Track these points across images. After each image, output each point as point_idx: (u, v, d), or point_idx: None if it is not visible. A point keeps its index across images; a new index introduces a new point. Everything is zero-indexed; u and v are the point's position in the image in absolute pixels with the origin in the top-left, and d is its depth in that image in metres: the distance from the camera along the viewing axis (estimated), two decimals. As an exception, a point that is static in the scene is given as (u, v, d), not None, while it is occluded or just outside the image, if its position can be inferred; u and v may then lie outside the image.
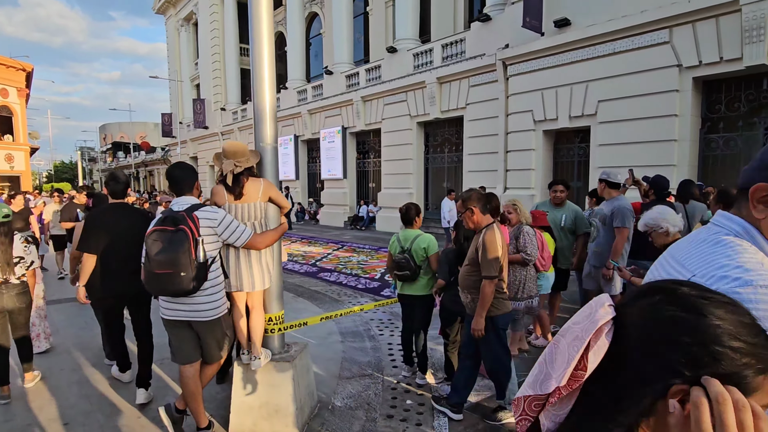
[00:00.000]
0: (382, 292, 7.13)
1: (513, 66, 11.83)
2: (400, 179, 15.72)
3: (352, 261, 10.09)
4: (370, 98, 16.64)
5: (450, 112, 13.96)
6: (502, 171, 12.35)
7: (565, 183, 4.98)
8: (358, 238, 14.31)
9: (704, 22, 8.59)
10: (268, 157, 3.18)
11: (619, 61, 9.79)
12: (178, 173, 2.92)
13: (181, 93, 33.19)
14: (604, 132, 10.20)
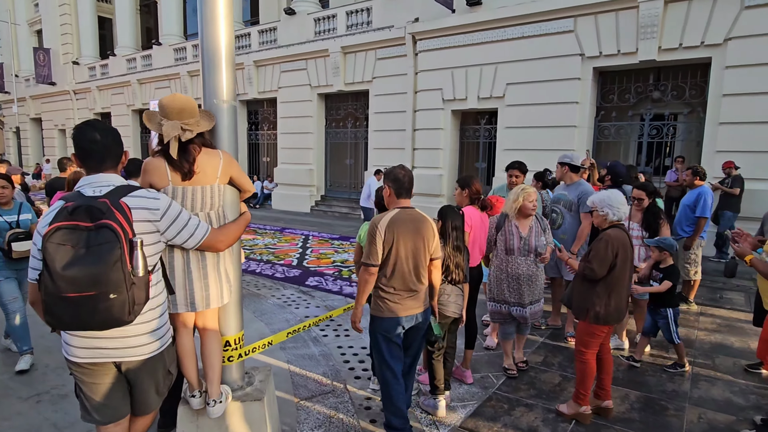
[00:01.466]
0: (307, 281, 6.39)
1: (423, 41, 11.53)
2: (299, 154, 14.71)
3: (258, 244, 9.07)
4: (264, 63, 15.16)
5: (355, 84, 13.28)
6: (410, 149, 12.13)
7: (522, 167, 4.71)
8: (255, 218, 13.03)
9: (606, 15, 9.09)
10: (225, 120, 2.30)
11: (527, 46, 10.02)
12: (97, 137, 1.93)
13: (16, 39, 27.22)
14: (511, 115, 10.46)
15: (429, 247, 2.68)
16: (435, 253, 2.74)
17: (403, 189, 2.68)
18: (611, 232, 3.02)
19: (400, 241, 2.58)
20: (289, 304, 5.45)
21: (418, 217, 2.68)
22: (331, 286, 6.12)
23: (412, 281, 2.65)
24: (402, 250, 2.59)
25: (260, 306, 5.38)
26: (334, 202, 14.41)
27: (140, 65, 19.88)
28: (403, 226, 2.59)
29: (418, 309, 2.71)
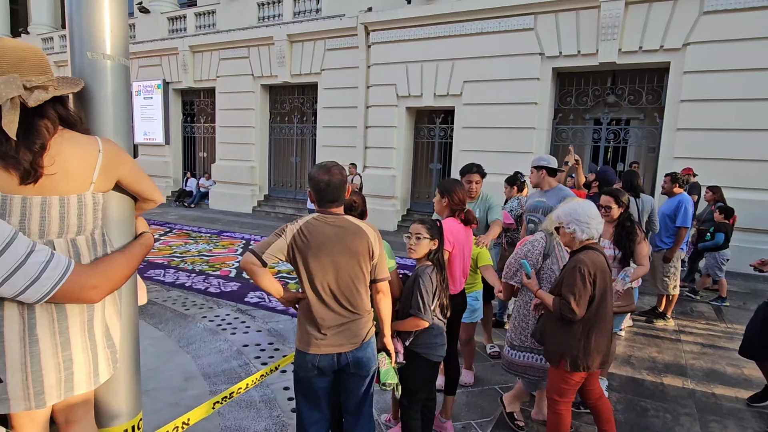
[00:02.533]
0: (247, 297, 5.47)
1: (376, 33, 10.82)
2: (240, 150, 13.54)
3: (191, 251, 7.97)
4: (200, 49, 13.84)
5: (302, 76, 12.34)
6: (362, 148, 11.39)
7: (482, 170, 4.00)
8: (188, 219, 11.84)
9: (567, 14, 8.81)
10: (108, 87, 1.41)
11: (486, 42, 9.58)
12: None
13: None
14: (469, 114, 10.00)
15: (364, 265, 2.01)
16: (379, 273, 2.08)
17: (324, 198, 2.02)
18: (584, 257, 2.40)
19: (314, 256, 1.94)
20: (224, 328, 4.54)
21: (346, 225, 2.00)
22: (276, 304, 5.26)
23: (333, 309, 1.98)
24: (316, 268, 1.94)
25: (187, 332, 4.43)
26: (278, 202, 13.38)
27: (58, 46, 17.80)
28: (321, 237, 1.94)
29: (346, 347, 2.02)
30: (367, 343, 2.07)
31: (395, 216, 11.06)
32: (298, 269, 1.96)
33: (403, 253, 7.91)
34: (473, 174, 3.70)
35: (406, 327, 2.36)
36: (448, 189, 2.86)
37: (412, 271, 2.49)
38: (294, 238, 1.92)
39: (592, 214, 2.47)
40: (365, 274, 2.02)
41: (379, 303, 2.14)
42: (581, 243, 2.48)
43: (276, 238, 1.93)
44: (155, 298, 5.34)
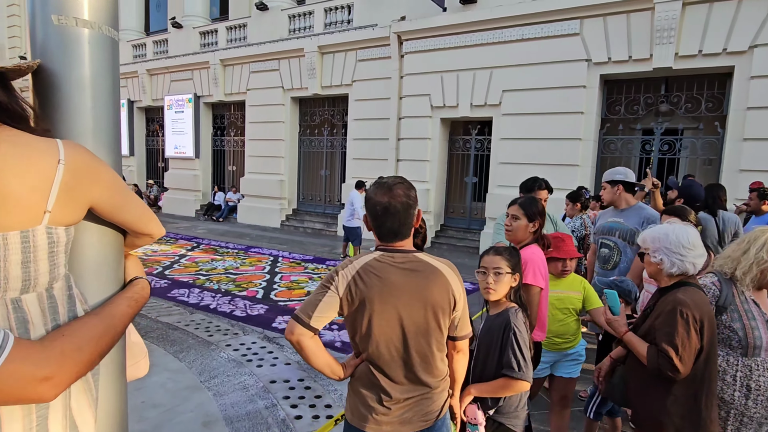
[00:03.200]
0: (275, 323, 5.03)
1: (410, 42, 10.44)
2: (269, 163, 13.31)
3: (217, 268, 7.63)
4: (231, 62, 13.77)
5: (332, 88, 12.06)
6: (393, 161, 10.96)
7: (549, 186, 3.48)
8: (216, 233, 11.61)
9: (616, 17, 8.22)
10: (85, 68, 0.97)
11: (528, 49, 9.06)
12: None
13: (-42, 31, 24.83)
14: (508, 125, 9.45)
15: (443, 319, 1.51)
16: (461, 329, 1.58)
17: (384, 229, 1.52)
18: (684, 297, 1.83)
19: (377, 310, 1.45)
20: (250, 359, 4.10)
21: (420, 268, 1.50)
22: (306, 331, 4.80)
23: (399, 378, 1.50)
24: (380, 325, 1.46)
25: (210, 362, 4.01)
26: (307, 216, 13.05)
27: (151, 53, 18.08)
28: (386, 285, 1.45)
29: (415, 425, 1.52)
30: (441, 421, 1.57)
31: (429, 232, 10.53)
32: (354, 327, 1.50)
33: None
34: (542, 191, 3.17)
35: (500, 391, 1.84)
36: (539, 211, 2.34)
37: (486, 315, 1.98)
38: (349, 289, 1.45)
39: (688, 243, 1.89)
40: (443, 331, 1.52)
41: (456, 363, 1.64)
42: (672, 278, 1.93)
43: (324, 292, 1.46)
44: (177, 322, 4.96)
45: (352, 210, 8.31)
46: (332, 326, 4.98)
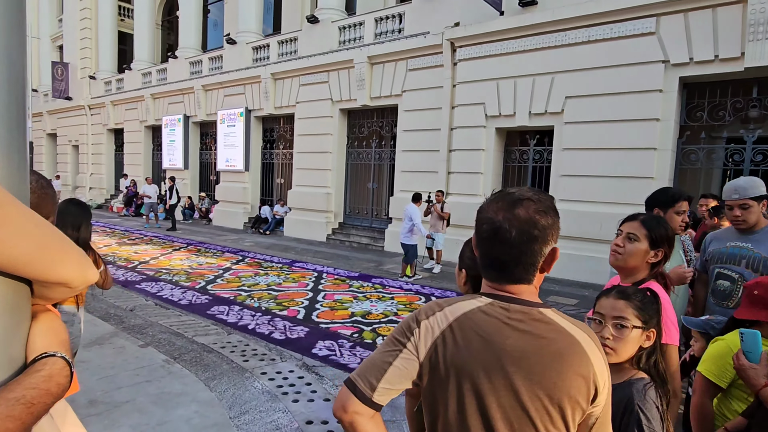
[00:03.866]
0: (315, 348, 4.57)
1: (463, 49, 9.92)
2: (316, 176, 13.11)
3: (259, 283, 7.33)
4: (282, 76, 13.79)
5: (382, 99, 11.71)
6: (444, 173, 10.40)
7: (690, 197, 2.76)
8: (262, 246, 11.45)
9: (699, 13, 7.35)
10: None
11: (595, 51, 8.31)
12: None
13: (38, 54, 26.82)
14: (571, 134, 8.68)
15: (571, 416, 0.95)
16: (601, 426, 1.00)
17: (496, 262, 1.02)
18: None
19: (481, 386, 0.94)
20: (286, 392, 3.65)
21: (547, 334, 0.96)
22: (349, 360, 4.30)
23: None
24: (479, 411, 0.94)
25: (242, 393, 3.59)
26: (353, 230, 12.69)
27: (155, 79, 18.88)
28: (496, 350, 0.95)
29: None
30: None
31: (482, 249, 9.84)
32: (435, 408, 0.98)
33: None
34: (684, 201, 2.47)
35: None
36: (667, 236, 1.73)
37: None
38: (435, 349, 0.95)
39: None
40: (571, 427, 0.97)
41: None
42: None
43: (395, 351, 0.97)
44: (213, 344, 4.61)
45: (410, 225, 7.82)
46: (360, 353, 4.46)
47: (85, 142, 22.70)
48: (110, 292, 6.40)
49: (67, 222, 2.58)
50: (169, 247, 10.78)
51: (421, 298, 6.79)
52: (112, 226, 14.46)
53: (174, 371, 3.93)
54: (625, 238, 1.73)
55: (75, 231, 2.58)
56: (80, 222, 2.61)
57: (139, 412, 3.21)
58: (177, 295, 6.41)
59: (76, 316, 2.62)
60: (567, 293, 7.53)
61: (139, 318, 5.32)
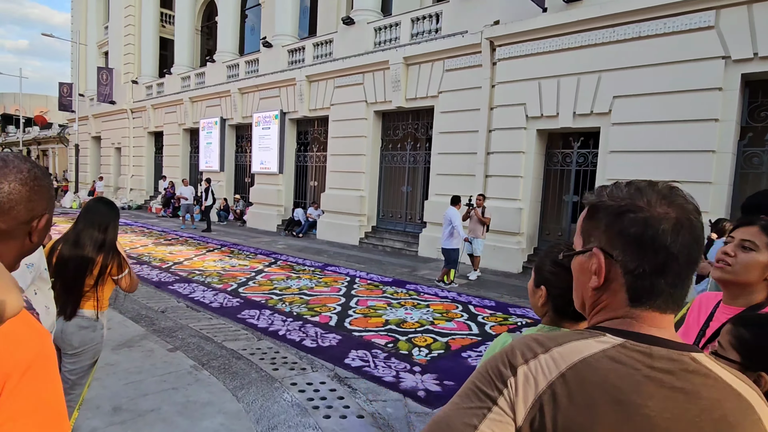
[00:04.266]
0: (347, 358, 4.34)
1: (504, 48, 9.55)
2: (350, 179, 12.96)
3: (291, 287, 7.19)
4: (317, 78, 13.74)
5: (417, 100, 11.46)
6: (481, 176, 10.03)
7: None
8: (295, 249, 11.37)
9: (763, 5, 6.76)
10: None
11: (646, 48, 7.80)
12: None
13: (85, 60, 27.97)
14: (619, 136, 8.18)
15: None
16: None
17: (667, 269, 0.69)
18: None
19: None
20: (317, 406, 3.42)
21: (706, 390, 0.65)
22: (383, 373, 4.05)
23: None
24: None
25: (271, 405, 3.39)
26: (386, 234, 12.45)
27: (193, 83, 19.27)
28: (634, 419, 0.63)
29: None
30: None
31: (520, 255, 9.42)
32: None
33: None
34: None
35: None
36: None
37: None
38: (541, 408, 0.65)
39: None
40: None
41: None
42: None
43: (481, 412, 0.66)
44: (243, 350, 4.45)
45: (450, 230, 7.51)
46: (413, 368, 4.19)
47: (126, 145, 23.43)
48: (143, 292, 6.38)
49: (95, 222, 2.44)
50: (203, 248, 10.84)
51: (458, 307, 6.47)
52: (150, 227, 14.75)
53: (201, 378, 3.77)
54: (737, 246, 1.40)
55: (102, 232, 2.45)
56: (108, 222, 2.48)
57: (164, 422, 3.05)
58: (209, 298, 6.32)
59: (98, 322, 2.47)
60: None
61: (169, 320, 5.24)
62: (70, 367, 2.44)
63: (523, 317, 6.08)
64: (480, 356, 4.56)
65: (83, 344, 2.42)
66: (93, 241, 2.41)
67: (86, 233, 2.41)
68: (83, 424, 2.97)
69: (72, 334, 2.39)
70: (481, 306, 6.58)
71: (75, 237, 2.41)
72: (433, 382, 3.92)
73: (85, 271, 2.38)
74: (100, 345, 2.54)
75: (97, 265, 2.40)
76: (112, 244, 2.47)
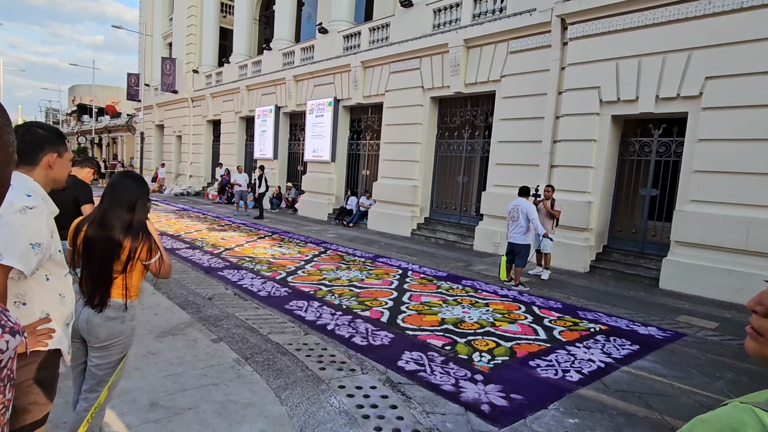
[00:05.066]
0: (401, 360, 3.93)
1: (576, 26, 8.71)
2: (403, 167, 12.51)
3: (341, 278, 6.87)
4: (372, 64, 13.34)
5: (477, 85, 10.79)
6: (546, 166, 9.27)
7: None
8: (345, 239, 11.10)
9: None
10: None
11: (748, 21, 6.79)
12: None
13: (151, 51, 29.13)
14: (712, 122, 7.21)
15: None
16: None
17: None
18: None
19: None
20: (367, 415, 3.04)
21: None
22: (441, 380, 3.60)
23: None
24: None
25: (316, 411, 3.03)
26: (440, 226, 11.93)
27: (250, 71, 19.45)
28: None
29: None
30: None
31: (588, 253, 8.63)
32: None
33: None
34: None
35: None
36: None
37: None
38: None
39: None
40: None
41: None
42: None
43: None
44: (288, 344, 4.14)
45: (527, 224, 6.90)
46: (475, 376, 3.71)
47: (187, 133, 24.17)
48: (192, 278, 6.27)
49: (122, 200, 2.14)
50: (254, 235, 10.79)
51: (521, 307, 5.89)
52: (205, 212, 15.02)
53: (244, 374, 3.48)
54: None
55: (129, 212, 2.15)
56: (135, 200, 2.17)
57: (200, 423, 2.77)
58: (257, 286, 6.11)
59: (127, 313, 2.18)
60: (702, 314, 6.20)
61: (216, 308, 5.04)
62: (97, 362, 2.17)
63: (596, 322, 5.42)
64: (550, 366, 4.01)
65: (111, 337, 2.14)
66: (121, 222, 2.11)
67: (112, 213, 2.12)
68: (117, 419, 2.73)
69: (98, 325, 2.12)
70: (546, 308, 5.97)
71: (101, 217, 2.13)
72: (498, 394, 3.43)
73: (113, 255, 2.09)
74: (131, 338, 2.25)
75: (125, 249, 2.11)
76: (141, 224, 2.17)
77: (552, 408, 3.29)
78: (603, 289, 7.35)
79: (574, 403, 3.39)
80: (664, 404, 3.47)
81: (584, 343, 4.68)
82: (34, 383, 1.58)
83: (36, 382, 1.59)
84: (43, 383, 1.60)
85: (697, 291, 7.13)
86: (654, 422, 3.18)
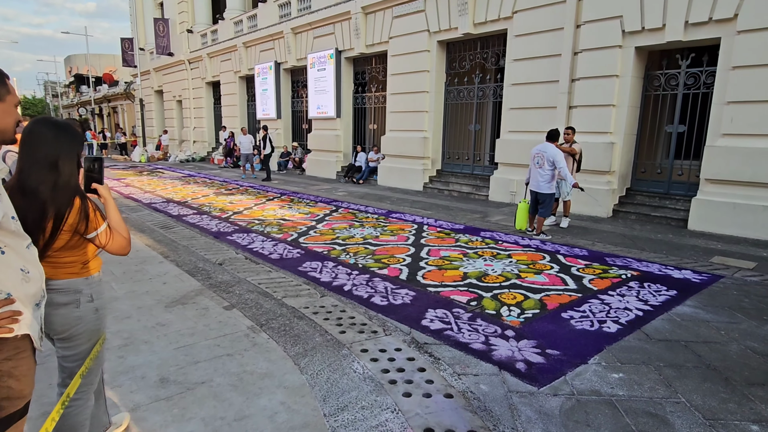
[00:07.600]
0: (425, 319, 3.69)
1: (595, -52, 7.94)
2: (411, 119, 11.99)
3: (355, 236, 6.61)
4: (373, 8, 12.55)
5: (487, 24, 10.08)
6: (564, 108, 8.74)
7: None
8: (356, 196, 10.78)
9: None
10: None
11: (795, -74, 6.04)
12: None
13: (143, 13, 28.02)
14: (747, 47, 6.59)
15: None
16: None
17: None
18: None
19: None
20: (394, 380, 2.81)
21: None
22: (470, 338, 3.36)
23: None
24: None
25: (339, 378, 2.81)
26: (452, 178, 11.53)
27: (246, 27, 18.59)
28: None
29: None
30: None
31: (610, 197, 8.24)
32: None
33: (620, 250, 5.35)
34: None
35: None
36: None
37: None
38: None
39: None
40: None
41: None
42: None
43: None
44: (305, 308, 3.92)
45: (552, 171, 6.42)
46: (505, 332, 3.47)
47: (187, 97, 23.54)
48: (201, 244, 6.05)
49: (38, 157, 1.66)
50: (263, 197, 10.52)
51: (545, 257, 5.60)
52: (212, 177, 14.74)
53: (259, 342, 3.27)
54: None
55: (51, 170, 1.67)
56: (57, 154, 1.69)
57: (215, 398, 2.56)
58: (268, 248, 5.88)
59: (82, 294, 1.82)
60: (738, 253, 5.86)
61: (227, 274, 4.82)
62: (63, 353, 1.85)
63: (627, 269, 5.12)
64: (585, 317, 3.75)
65: (68, 327, 1.79)
66: (45, 186, 1.66)
67: (29, 174, 1.65)
68: (125, 399, 2.54)
69: (49, 315, 1.74)
70: (571, 256, 5.67)
71: (17, 181, 1.66)
72: (533, 350, 3.19)
73: (39, 227, 1.66)
74: (97, 323, 1.88)
75: (49, 219, 1.67)
76: (68, 186, 1.71)
77: (593, 362, 3.04)
78: (629, 233, 7.01)
79: (615, 356, 3.14)
80: (713, 353, 3.21)
81: (617, 291, 4.40)
82: (3, 375, 1.32)
83: (6, 374, 1.33)
84: (13, 375, 1.34)
85: (730, 230, 6.77)
86: (705, 374, 2.92)
